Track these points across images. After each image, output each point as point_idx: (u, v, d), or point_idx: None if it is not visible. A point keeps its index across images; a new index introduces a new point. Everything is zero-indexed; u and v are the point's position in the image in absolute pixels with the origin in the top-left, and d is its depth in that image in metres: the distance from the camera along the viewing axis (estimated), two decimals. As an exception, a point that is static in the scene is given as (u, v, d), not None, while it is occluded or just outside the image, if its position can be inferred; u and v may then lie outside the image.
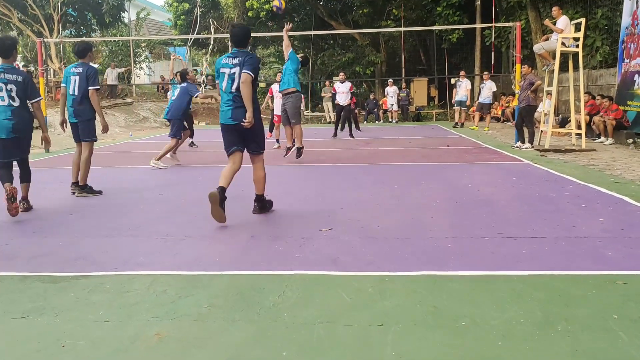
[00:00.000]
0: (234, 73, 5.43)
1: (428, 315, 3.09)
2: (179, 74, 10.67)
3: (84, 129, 7.03)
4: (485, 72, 17.75)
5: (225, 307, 3.26)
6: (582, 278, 3.64)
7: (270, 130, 14.98)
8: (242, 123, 5.39)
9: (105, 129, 7.06)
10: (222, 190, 5.37)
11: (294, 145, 9.37)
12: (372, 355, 2.65)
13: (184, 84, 9.88)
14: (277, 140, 13.04)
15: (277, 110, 12.44)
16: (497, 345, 2.71)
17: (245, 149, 5.66)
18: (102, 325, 3.05)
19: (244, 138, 5.58)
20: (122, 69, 24.20)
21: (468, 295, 3.37)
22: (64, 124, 7.29)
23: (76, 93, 6.90)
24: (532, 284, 3.54)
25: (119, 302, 3.38)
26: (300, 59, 9.96)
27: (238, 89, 5.40)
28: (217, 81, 5.67)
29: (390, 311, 3.15)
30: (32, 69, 23.10)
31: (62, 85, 7.13)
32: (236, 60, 5.44)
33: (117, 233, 5.05)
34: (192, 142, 13.61)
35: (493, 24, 16.27)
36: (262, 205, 5.85)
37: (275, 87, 13.52)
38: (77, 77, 6.89)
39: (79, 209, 6.20)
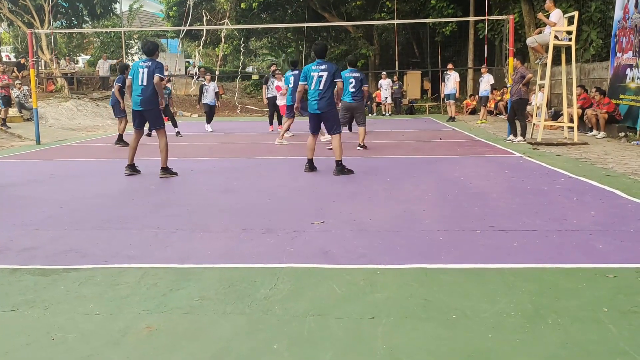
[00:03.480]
0: (322, 76, 7.61)
1: (419, 307, 3.10)
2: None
3: (152, 118, 7.96)
4: (483, 66, 17.75)
5: (217, 300, 3.26)
6: (573, 271, 3.66)
7: (271, 123, 15.20)
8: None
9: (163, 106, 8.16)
10: (310, 162, 7.96)
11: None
12: (363, 347, 2.65)
13: (296, 71, 11.77)
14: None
15: (281, 102, 13.99)
16: (487, 338, 2.72)
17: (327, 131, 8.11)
18: (92, 318, 3.04)
19: (324, 122, 7.89)
20: (114, 61, 24.03)
21: (459, 288, 3.38)
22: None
23: (145, 84, 7.67)
24: (523, 276, 3.56)
25: (109, 295, 3.37)
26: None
27: (323, 88, 7.59)
28: (301, 82, 7.84)
29: (382, 304, 3.16)
30: (23, 60, 22.91)
31: (129, 77, 7.92)
32: (323, 67, 7.65)
33: (108, 225, 5.02)
34: (178, 132, 14.00)
35: (486, 17, 16.22)
36: (341, 169, 7.67)
37: (281, 84, 13.96)
38: (146, 70, 7.66)
39: (69, 201, 6.16)
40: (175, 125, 14.40)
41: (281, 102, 13.96)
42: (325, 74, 7.61)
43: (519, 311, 3.02)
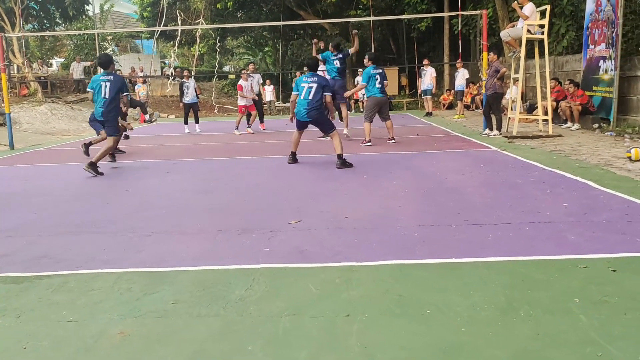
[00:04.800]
0: (311, 87, 8.19)
1: (394, 303, 3.11)
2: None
3: (109, 126, 8.49)
4: (458, 61, 17.90)
5: (191, 302, 3.24)
6: (545, 262, 3.70)
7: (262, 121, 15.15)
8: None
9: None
10: (294, 154, 8.60)
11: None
12: (338, 345, 2.66)
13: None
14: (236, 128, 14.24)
15: (242, 102, 14.33)
16: (460, 332, 2.74)
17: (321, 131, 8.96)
18: (65, 325, 3.00)
19: (318, 127, 8.64)
20: (88, 63, 23.73)
21: (434, 283, 3.40)
22: None
23: (107, 97, 8.30)
24: (497, 269, 3.59)
25: (82, 301, 3.33)
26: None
27: (312, 98, 8.15)
28: (294, 92, 8.43)
29: (357, 301, 3.17)
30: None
31: (89, 90, 8.55)
32: (314, 79, 8.26)
33: (82, 230, 4.96)
34: (151, 115, 15.74)
35: (460, 12, 16.33)
36: (342, 162, 8.00)
37: (243, 84, 13.88)
38: (108, 84, 8.28)
39: (43, 206, 6.07)
40: (145, 112, 16.21)
41: (241, 102, 14.27)
42: (315, 85, 8.18)
43: (492, 304, 3.05)
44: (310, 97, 8.18)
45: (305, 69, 8.58)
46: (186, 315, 3.06)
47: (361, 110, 22.19)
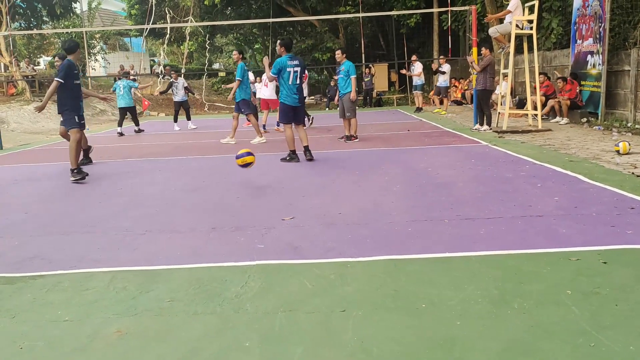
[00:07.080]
0: (297, 72, 8.24)
1: (388, 298, 3.14)
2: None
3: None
4: (441, 57, 17.95)
5: (187, 300, 3.25)
6: (537, 256, 3.74)
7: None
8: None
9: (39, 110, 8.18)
10: (293, 152, 8.50)
11: (351, 135, 10.92)
12: (334, 341, 2.68)
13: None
14: (264, 127, 13.68)
15: (262, 95, 14.04)
16: (454, 325, 2.77)
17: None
18: (60, 324, 3.00)
19: (299, 114, 8.58)
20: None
21: (427, 277, 3.43)
22: None
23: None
24: (489, 263, 3.63)
25: (77, 300, 3.33)
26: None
27: (299, 82, 8.28)
28: (273, 74, 8.28)
29: (351, 296, 3.19)
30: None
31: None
32: (295, 62, 8.30)
33: (74, 230, 4.95)
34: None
35: (449, 8, 16.40)
36: (310, 153, 8.39)
37: (263, 77, 14.04)
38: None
39: (33, 206, 6.05)
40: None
41: (263, 95, 13.93)
42: (299, 69, 8.27)
43: (485, 297, 3.09)
44: (298, 81, 8.29)
45: (282, 49, 8.34)
46: (182, 313, 3.07)
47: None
